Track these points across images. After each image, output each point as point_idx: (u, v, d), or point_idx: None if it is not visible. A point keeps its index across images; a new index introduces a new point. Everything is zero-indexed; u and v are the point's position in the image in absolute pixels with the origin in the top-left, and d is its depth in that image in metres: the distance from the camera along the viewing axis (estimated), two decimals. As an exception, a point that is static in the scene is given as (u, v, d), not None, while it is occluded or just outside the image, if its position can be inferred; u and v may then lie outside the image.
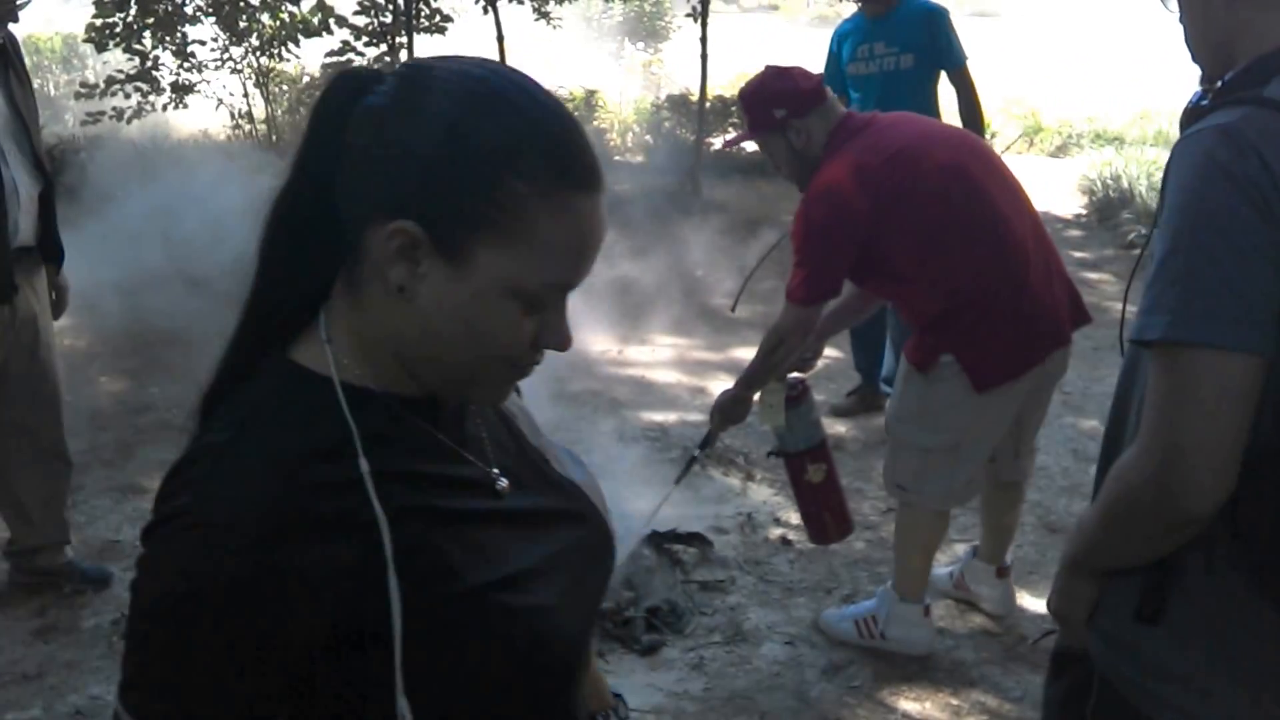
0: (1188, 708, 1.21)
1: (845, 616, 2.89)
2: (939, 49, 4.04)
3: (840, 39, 4.29)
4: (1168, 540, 1.17)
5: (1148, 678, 1.24)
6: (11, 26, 2.83)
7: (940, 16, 4.06)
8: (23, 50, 3.02)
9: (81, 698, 2.66)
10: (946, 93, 4.20)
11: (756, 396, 2.73)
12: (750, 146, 2.95)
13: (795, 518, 3.62)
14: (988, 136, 4.26)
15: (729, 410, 2.77)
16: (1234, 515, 1.12)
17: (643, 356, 5.37)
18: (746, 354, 5.46)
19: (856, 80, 4.16)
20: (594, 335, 5.65)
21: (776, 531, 3.47)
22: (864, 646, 2.81)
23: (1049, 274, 2.57)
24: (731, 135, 4.11)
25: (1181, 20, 1.28)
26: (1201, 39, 1.26)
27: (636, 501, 3.72)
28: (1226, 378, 1.09)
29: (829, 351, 4.13)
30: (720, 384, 4.98)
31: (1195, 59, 1.29)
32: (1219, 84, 1.21)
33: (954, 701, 2.64)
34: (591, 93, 10.28)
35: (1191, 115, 1.22)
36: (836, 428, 4.31)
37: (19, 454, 3.02)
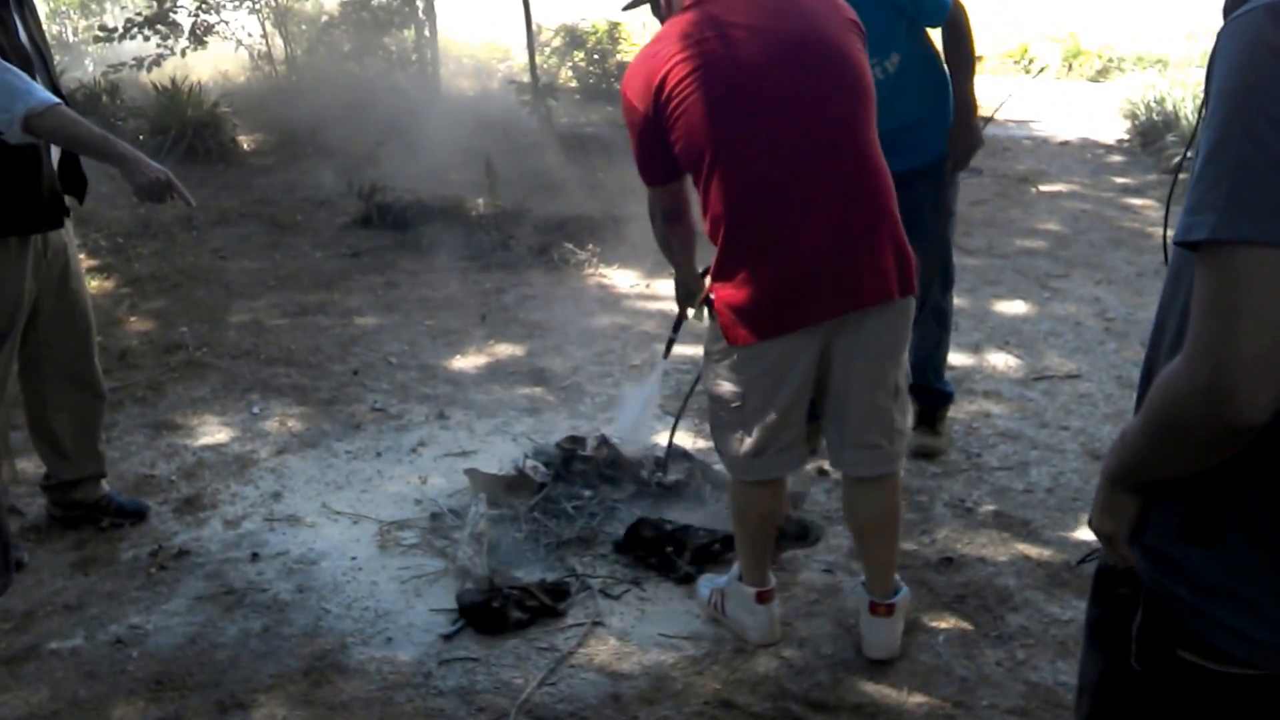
0: (1240, 627, 1.16)
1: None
2: (911, 18, 2.94)
3: None
4: (1217, 451, 1.10)
5: (1198, 596, 1.18)
6: None
7: None
8: None
9: (122, 627, 2.68)
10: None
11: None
12: None
13: (831, 446, 3.57)
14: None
15: None
16: None
17: (669, 290, 5.29)
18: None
19: None
20: (621, 270, 5.58)
21: (812, 462, 3.42)
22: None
23: None
24: None
25: None
26: None
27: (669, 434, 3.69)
28: None
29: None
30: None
31: None
32: None
33: (998, 628, 2.60)
34: (614, 25, 10.07)
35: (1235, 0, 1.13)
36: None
37: (52, 386, 3.01)
